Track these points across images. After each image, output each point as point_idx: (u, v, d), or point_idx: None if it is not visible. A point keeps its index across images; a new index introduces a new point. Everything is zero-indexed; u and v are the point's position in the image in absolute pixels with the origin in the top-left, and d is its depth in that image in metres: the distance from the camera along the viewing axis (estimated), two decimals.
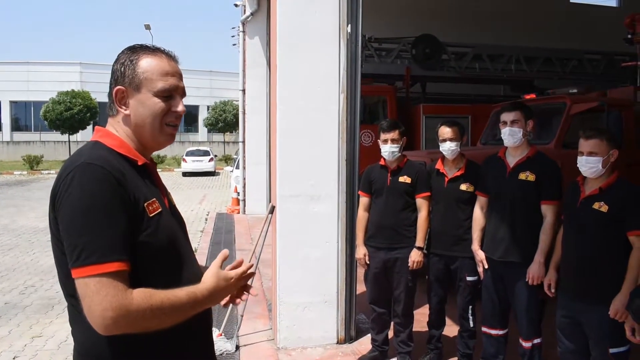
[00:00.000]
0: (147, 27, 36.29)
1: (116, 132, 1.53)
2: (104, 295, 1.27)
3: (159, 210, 1.46)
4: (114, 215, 1.33)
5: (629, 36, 9.02)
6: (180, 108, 1.55)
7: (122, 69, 1.51)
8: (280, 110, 4.43)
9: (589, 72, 13.69)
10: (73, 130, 33.12)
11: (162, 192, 1.58)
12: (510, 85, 14.01)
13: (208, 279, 1.50)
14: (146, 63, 1.50)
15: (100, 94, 36.29)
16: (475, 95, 13.43)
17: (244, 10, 12.01)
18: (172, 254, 1.48)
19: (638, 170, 6.75)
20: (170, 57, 1.56)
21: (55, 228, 1.38)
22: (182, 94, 1.58)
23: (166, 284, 1.41)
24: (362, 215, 4.21)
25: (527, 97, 7.58)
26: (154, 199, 1.46)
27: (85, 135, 37.73)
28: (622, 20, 9.44)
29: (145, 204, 1.42)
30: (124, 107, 1.52)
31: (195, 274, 1.54)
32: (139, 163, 1.50)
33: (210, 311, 1.63)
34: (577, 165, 3.06)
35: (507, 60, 13.34)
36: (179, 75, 1.56)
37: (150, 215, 1.42)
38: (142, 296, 1.32)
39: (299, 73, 4.42)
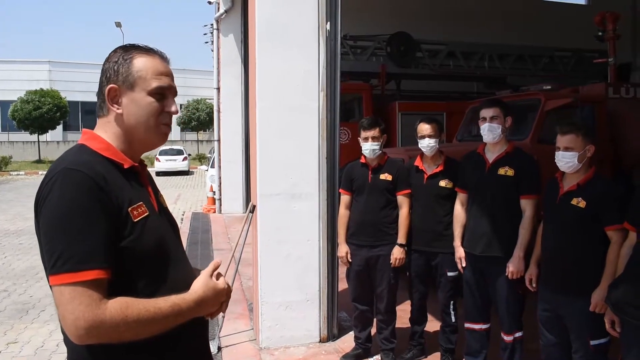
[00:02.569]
0: (118, 24, 35.79)
1: (105, 133, 1.51)
2: (77, 304, 1.25)
3: (145, 214, 1.43)
4: (93, 221, 1.30)
5: (600, 34, 9.19)
6: (173, 108, 1.54)
7: (116, 67, 1.49)
8: (259, 109, 4.40)
9: (560, 69, 13.97)
10: (42, 130, 32.38)
11: (151, 194, 1.55)
12: (483, 82, 14.19)
13: (196, 289, 1.47)
14: (140, 62, 1.49)
15: (69, 93, 35.67)
16: (449, 92, 13.57)
17: (218, 8, 11.89)
18: (159, 257, 1.45)
19: (610, 166, 6.93)
20: (163, 57, 1.55)
21: (39, 233, 1.36)
22: (174, 94, 1.57)
23: (152, 288, 1.39)
24: (343, 213, 4.21)
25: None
26: (140, 202, 1.43)
27: (55, 135, 36.97)
28: (591, 18, 9.63)
29: (130, 209, 1.39)
30: (116, 106, 1.49)
31: (185, 277, 1.51)
32: (125, 166, 1.47)
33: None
34: (555, 160, 3.12)
35: (481, 57, 13.51)
36: (171, 76, 1.55)
37: (135, 220, 1.39)
38: (118, 307, 1.29)
39: (278, 71, 4.39)
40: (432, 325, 4.44)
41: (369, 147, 4.03)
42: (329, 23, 4.45)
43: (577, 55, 14.08)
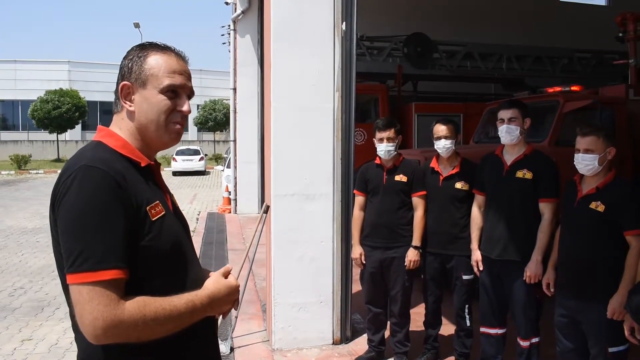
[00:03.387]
0: (137, 25, 36.06)
1: (120, 130, 1.50)
2: (95, 304, 1.24)
3: (162, 213, 1.42)
4: (112, 220, 1.29)
5: (620, 34, 9.03)
6: (185, 108, 1.51)
7: (130, 64, 1.48)
8: (274, 109, 4.39)
9: (579, 70, 13.78)
10: (61, 129, 32.83)
11: (165, 194, 1.54)
12: (501, 83, 14.07)
13: (209, 285, 1.48)
14: (154, 60, 1.48)
15: (88, 93, 36.09)
16: (466, 93, 13.47)
17: (235, 9, 11.93)
18: (175, 257, 1.45)
19: (630, 169, 6.80)
20: (180, 56, 1.54)
21: (56, 231, 1.35)
22: (190, 94, 1.54)
23: (169, 287, 1.38)
24: (357, 215, 4.17)
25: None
26: (157, 201, 1.43)
27: (74, 134, 37.43)
28: (611, 19, 9.48)
29: (148, 208, 1.38)
30: (128, 103, 1.49)
31: (198, 277, 1.51)
32: (142, 164, 1.47)
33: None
34: (574, 163, 3.04)
35: (498, 58, 13.39)
36: (187, 75, 1.53)
37: (153, 219, 1.38)
38: (136, 306, 1.28)
39: (293, 71, 4.37)
40: (447, 329, 4.38)
41: (383, 148, 3.99)
42: (344, 23, 4.42)
43: (597, 56, 13.87)
